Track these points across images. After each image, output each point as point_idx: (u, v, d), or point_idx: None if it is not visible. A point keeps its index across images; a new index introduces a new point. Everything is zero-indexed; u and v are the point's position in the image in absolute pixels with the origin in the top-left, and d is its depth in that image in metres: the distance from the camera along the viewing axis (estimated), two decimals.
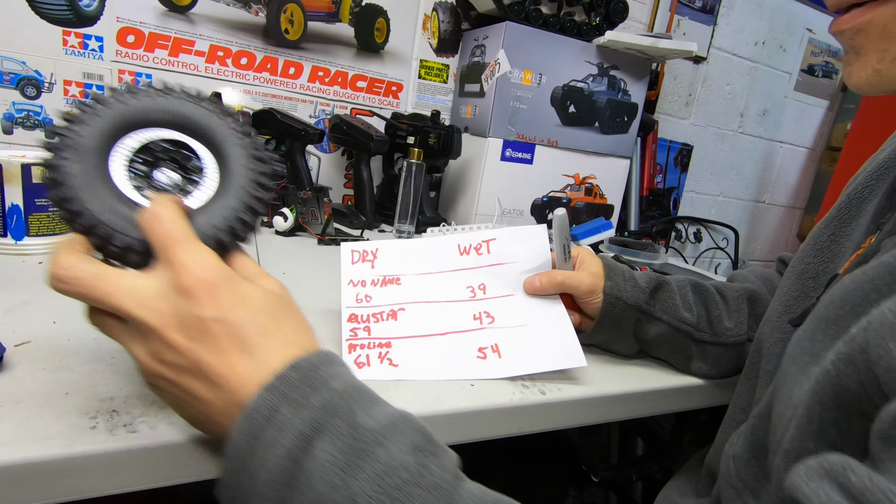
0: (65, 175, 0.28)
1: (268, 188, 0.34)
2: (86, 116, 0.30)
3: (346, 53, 1.09)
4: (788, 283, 0.44)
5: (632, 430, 1.08)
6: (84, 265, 0.27)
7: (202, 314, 0.26)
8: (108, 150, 0.31)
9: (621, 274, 0.53)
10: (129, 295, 0.27)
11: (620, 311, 0.51)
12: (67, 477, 0.30)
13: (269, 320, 0.28)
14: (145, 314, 0.27)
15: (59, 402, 0.33)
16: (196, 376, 0.27)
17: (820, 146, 1.95)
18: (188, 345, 0.27)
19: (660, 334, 0.53)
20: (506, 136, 1.05)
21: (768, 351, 0.42)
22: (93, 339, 0.42)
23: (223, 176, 0.33)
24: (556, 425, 0.47)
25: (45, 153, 0.29)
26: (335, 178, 1.16)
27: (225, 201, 0.32)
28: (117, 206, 0.29)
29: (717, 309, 0.54)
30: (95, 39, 0.90)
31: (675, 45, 1.07)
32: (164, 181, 0.32)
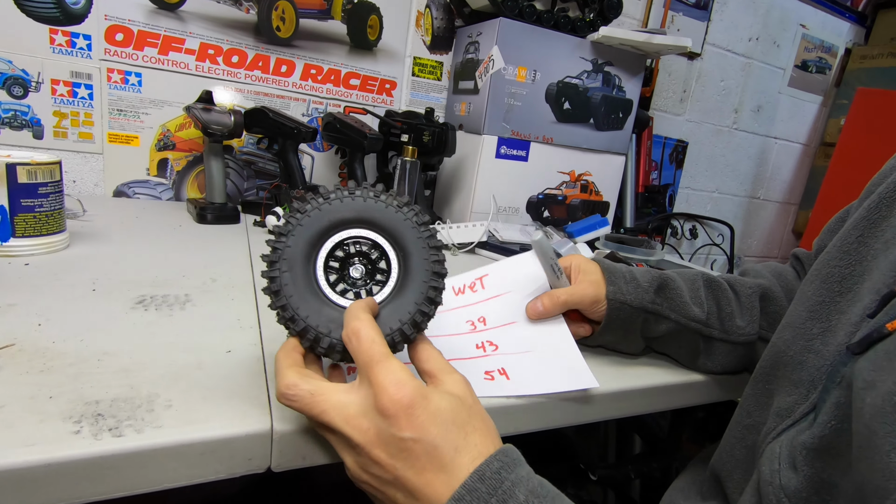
0: (279, 285, 0.34)
1: (443, 276, 0.37)
2: (292, 228, 0.35)
3: (338, 51, 1.08)
4: (813, 288, 0.41)
5: (629, 429, 1.08)
6: (304, 384, 0.32)
7: (401, 435, 0.30)
8: (311, 255, 0.36)
9: (622, 276, 0.51)
10: (338, 413, 0.31)
11: (627, 315, 0.50)
12: (50, 484, 0.29)
13: (459, 434, 0.31)
14: (351, 431, 0.31)
15: (42, 406, 0.32)
16: (397, 488, 0.30)
17: (814, 142, 1.96)
18: (389, 461, 0.30)
19: (668, 332, 0.52)
20: (500, 134, 1.04)
21: (793, 360, 0.40)
22: (79, 341, 0.41)
23: (403, 266, 0.37)
24: (553, 424, 0.47)
25: (264, 266, 0.35)
26: (329, 177, 1.15)
27: (407, 295, 0.36)
28: (322, 310, 0.34)
29: (728, 306, 0.53)
30: (83, 38, 0.89)
31: (669, 40, 1.06)
32: (355, 276, 0.37)
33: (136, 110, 0.95)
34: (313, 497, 0.79)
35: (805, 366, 0.38)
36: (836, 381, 0.33)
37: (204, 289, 0.56)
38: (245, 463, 0.34)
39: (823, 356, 0.37)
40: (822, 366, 0.37)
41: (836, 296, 0.39)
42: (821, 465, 0.32)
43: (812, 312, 0.40)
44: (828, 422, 0.32)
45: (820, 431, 0.32)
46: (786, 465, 0.34)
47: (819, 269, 0.42)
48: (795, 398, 0.38)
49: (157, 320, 0.47)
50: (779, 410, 0.39)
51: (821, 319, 0.39)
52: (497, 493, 0.29)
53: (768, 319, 0.54)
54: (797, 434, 0.35)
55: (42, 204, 0.60)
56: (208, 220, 0.86)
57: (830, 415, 0.32)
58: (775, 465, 0.35)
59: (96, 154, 0.95)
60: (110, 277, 0.56)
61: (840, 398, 0.31)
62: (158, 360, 0.40)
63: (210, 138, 0.87)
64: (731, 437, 0.45)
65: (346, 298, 0.36)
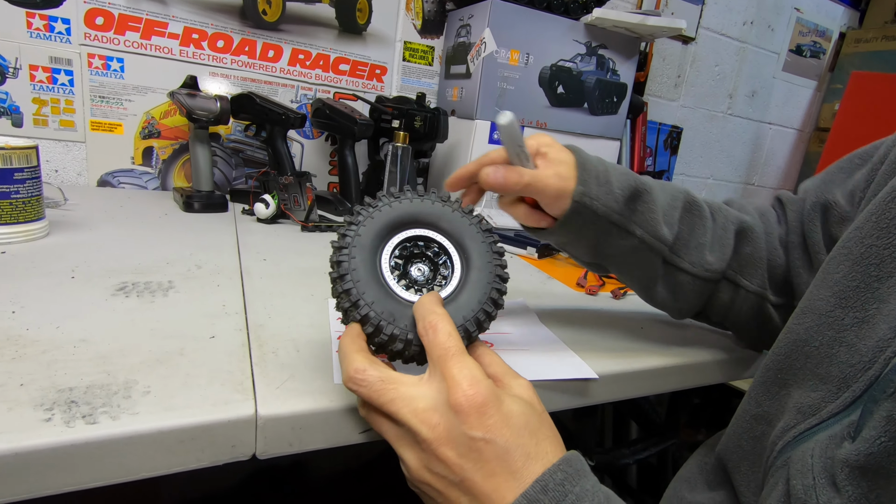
0: (346, 269, 0.34)
1: (506, 280, 0.37)
2: (363, 219, 0.36)
3: (327, 35, 1.06)
4: (842, 270, 0.35)
5: (626, 414, 1.08)
6: (372, 370, 0.31)
7: (472, 434, 0.28)
8: (378, 247, 0.36)
9: (595, 176, 0.44)
10: (407, 404, 0.30)
11: (587, 221, 0.44)
12: (18, 474, 0.27)
13: (531, 440, 0.30)
14: (419, 426, 0.29)
15: (11, 394, 0.31)
16: (462, 491, 0.29)
17: (808, 127, 1.95)
18: (458, 461, 0.29)
19: (630, 248, 0.46)
20: (493, 119, 1.02)
21: (818, 351, 0.35)
22: (55, 328, 0.39)
23: (466, 268, 0.37)
24: (549, 408, 0.45)
25: (332, 252, 0.35)
26: (320, 165, 1.13)
27: (471, 293, 0.36)
28: (385, 300, 0.34)
29: (703, 235, 0.48)
30: (62, 21, 0.86)
31: (663, 22, 1.05)
32: (416, 275, 0.38)
33: (118, 97, 0.93)
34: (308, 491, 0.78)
35: (834, 360, 0.34)
36: (889, 392, 0.28)
37: (188, 276, 0.54)
38: (229, 450, 0.33)
39: (859, 351, 0.32)
40: (858, 362, 0.32)
41: (873, 281, 0.33)
42: (868, 486, 0.28)
43: (842, 299, 0.35)
44: (876, 438, 0.27)
45: (867, 448, 0.28)
46: (823, 481, 0.30)
47: (849, 248, 0.36)
48: (822, 395, 0.34)
49: (138, 307, 0.45)
50: (800, 407, 0.35)
51: (854, 308, 0.34)
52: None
53: (739, 261, 0.49)
54: (832, 444, 0.31)
55: (18, 190, 0.58)
56: (195, 209, 0.84)
57: (880, 430, 0.27)
58: (809, 479, 0.31)
59: (78, 142, 0.92)
60: (90, 265, 0.54)
61: (893, 412, 0.27)
62: (138, 346, 0.38)
63: (195, 125, 0.84)
64: (738, 426, 0.41)
65: (411, 293, 0.36)
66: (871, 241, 0.34)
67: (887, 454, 0.27)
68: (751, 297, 0.50)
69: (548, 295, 0.66)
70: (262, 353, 0.40)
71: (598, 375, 0.44)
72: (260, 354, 0.40)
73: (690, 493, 0.44)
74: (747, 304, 0.50)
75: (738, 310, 0.50)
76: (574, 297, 0.67)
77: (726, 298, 0.50)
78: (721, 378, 0.57)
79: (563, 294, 0.68)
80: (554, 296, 0.66)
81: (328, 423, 0.35)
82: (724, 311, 0.51)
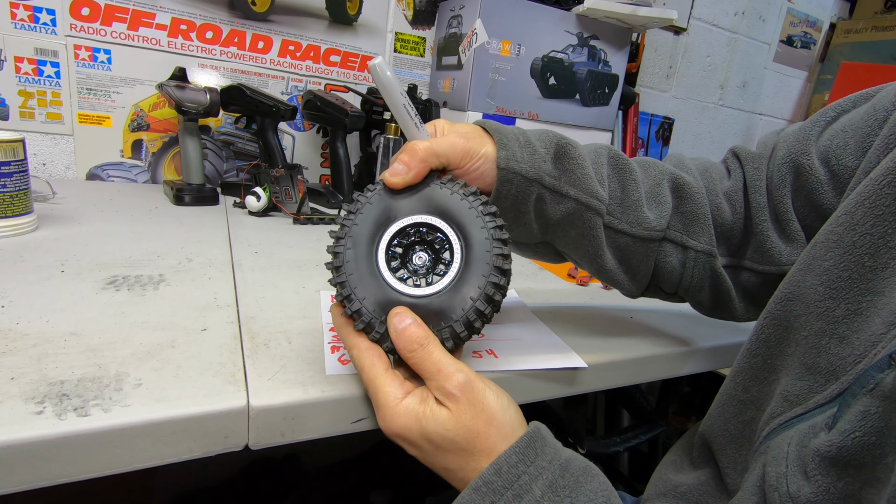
0: (341, 260, 0.34)
1: (506, 272, 0.35)
2: (361, 206, 0.35)
3: (317, 26, 1.05)
4: (833, 258, 0.34)
5: (617, 402, 1.09)
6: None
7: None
8: (376, 236, 0.35)
9: (514, 139, 0.41)
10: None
11: (518, 189, 0.41)
12: (11, 466, 0.27)
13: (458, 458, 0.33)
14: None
15: (2, 388, 0.31)
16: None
17: (799, 117, 1.96)
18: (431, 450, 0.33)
19: (567, 214, 0.42)
20: (485, 110, 1.02)
21: (807, 341, 0.34)
22: (45, 322, 0.39)
23: (465, 258, 0.35)
24: (540, 397, 0.46)
25: (330, 241, 0.36)
26: (311, 158, 1.12)
27: (465, 289, 0.34)
28: (378, 293, 0.34)
29: (636, 191, 0.44)
30: (47, 12, 0.85)
31: (655, 13, 1.05)
32: (417, 263, 0.36)
33: (106, 89, 0.91)
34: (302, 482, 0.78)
35: (824, 351, 0.33)
36: (868, 387, 0.28)
37: (179, 268, 0.54)
38: (221, 441, 0.33)
39: (851, 344, 0.31)
40: (849, 356, 0.31)
41: (867, 272, 0.32)
42: (836, 475, 0.28)
43: (833, 290, 0.33)
44: (850, 431, 0.27)
45: (840, 440, 0.28)
46: (794, 469, 0.30)
47: (839, 234, 0.34)
48: (809, 384, 0.33)
49: (129, 300, 0.45)
50: (787, 395, 0.34)
51: (846, 300, 0.32)
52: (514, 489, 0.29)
53: (682, 220, 0.45)
54: (809, 433, 0.31)
55: (5, 184, 0.57)
56: (186, 202, 0.84)
57: (855, 424, 0.27)
58: (782, 467, 0.31)
59: (66, 135, 0.91)
60: (80, 259, 0.54)
61: (871, 408, 0.27)
62: (129, 339, 0.38)
63: (185, 117, 0.84)
64: (724, 410, 0.41)
65: (406, 285, 0.35)
66: (865, 228, 0.32)
67: (860, 448, 0.27)
68: (701, 257, 0.46)
69: (539, 286, 0.67)
70: (254, 344, 0.40)
71: (587, 364, 0.45)
72: (252, 346, 0.40)
73: (675, 474, 0.44)
74: (698, 266, 0.46)
75: (690, 273, 0.47)
76: (565, 287, 0.68)
77: (676, 263, 0.46)
78: (710, 366, 0.58)
79: (553, 285, 0.68)
80: (545, 287, 0.67)
81: (320, 413, 0.36)
82: (677, 277, 0.47)
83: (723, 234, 0.47)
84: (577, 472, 0.32)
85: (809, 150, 0.43)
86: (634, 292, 0.49)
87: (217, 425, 0.32)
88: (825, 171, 0.42)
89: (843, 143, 0.41)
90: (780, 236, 0.45)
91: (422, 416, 0.32)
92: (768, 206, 0.45)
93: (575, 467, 0.32)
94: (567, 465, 0.32)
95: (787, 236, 0.45)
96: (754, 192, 0.46)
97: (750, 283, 0.47)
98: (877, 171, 0.33)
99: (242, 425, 0.33)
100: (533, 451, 0.31)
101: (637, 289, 0.49)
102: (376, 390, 0.33)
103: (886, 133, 0.36)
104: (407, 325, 0.33)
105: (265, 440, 0.34)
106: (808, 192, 0.43)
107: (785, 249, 0.45)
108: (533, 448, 0.31)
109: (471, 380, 0.32)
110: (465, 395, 0.32)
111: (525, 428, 0.33)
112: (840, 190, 0.41)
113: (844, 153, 0.41)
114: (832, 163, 0.42)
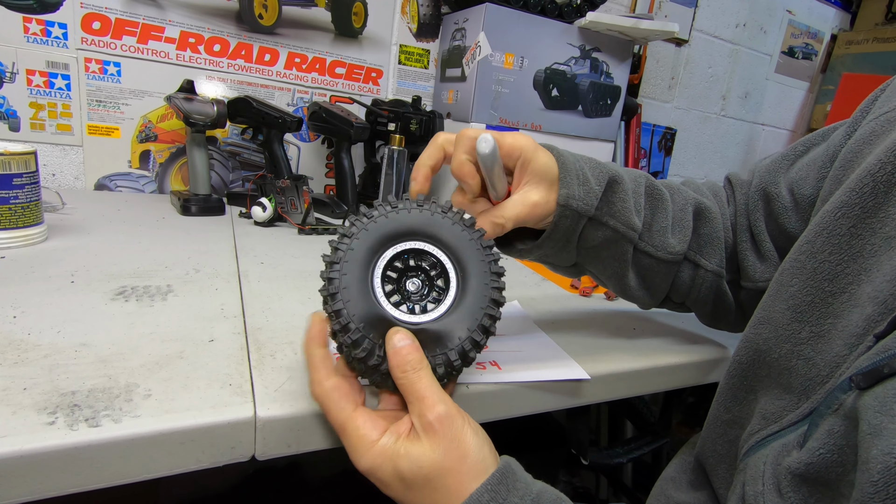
0: (336, 286, 0.33)
1: (501, 304, 0.35)
2: (357, 231, 0.34)
3: (323, 39, 1.07)
4: (797, 283, 0.36)
5: (620, 414, 1.09)
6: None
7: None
8: (371, 260, 0.34)
9: (576, 175, 0.43)
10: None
11: (571, 222, 0.43)
12: (23, 476, 0.28)
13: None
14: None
15: (15, 398, 0.31)
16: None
17: (801, 128, 1.97)
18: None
19: (604, 240, 0.46)
20: (489, 121, 1.03)
21: (778, 363, 0.36)
22: (56, 332, 0.40)
23: (461, 287, 0.35)
24: (544, 408, 0.46)
25: (324, 266, 0.34)
26: (316, 168, 1.13)
27: (461, 318, 0.34)
28: (373, 318, 0.33)
29: (665, 219, 0.48)
30: (59, 26, 0.87)
31: (656, 25, 1.06)
32: (411, 289, 0.36)
33: (115, 101, 0.93)
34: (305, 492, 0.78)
35: (794, 372, 0.35)
36: (833, 408, 0.30)
37: (186, 279, 0.55)
38: (228, 452, 0.34)
39: (816, 365, 0.34)
40: (816, 376, 0.33)
41: (827, 296, 0.34)
42: (807, 492, 0.29)
43: (798, 313, 0.36)
44: (817, 449, 0.29)
45: (808, 458, 0.29)
46: (770, 486, 0.32)
47: (802, 261, 0.37)
48: (784, 404, 0.35)
49: (138, 311, 0.46)
50: (764, 413, 0.36)
51: (810, 322, 0.35)
52: None
53: (699, 241, 0.50)
54: (783, 452, 0.32)
55: (17, 195, 0.58)
56: (192, 212, 0.85)
57: (821, 442, 0.29)
58: (759, 485, 0.32)
59: (76, 146, 0.93)
60: (89, 269, 0.54)
61: (834, 427, 0.29)
62: (138, 350, 0.39)
63: (192, 128, 0.85)
64: (711, 431, 0.43)
65: (399, 310, 0.34)
66: (824, 256, 0.35)
67: (825, 465, 0.28)
68: (709, 275, 0.50)
69: (542, 296, 0.67)
70: (261, 355, 0.41)
71: (590, 376, 0.45)
72: (258, 357, 0.41)
73: (676, 491, 0.45)
74: (706, 283, 0.50)
75: (699, 288, 0.51)
76: (568, 298, 0.68)
77: (687, 278, 0.50)
78: (714, 377, 0.58)
79: (557, 296, 0.69)
80: (548, 297, 0.67)
81: (326, 424, 0.36)
82: (686, 290, 0.51)
83: (728, 255, 0.51)
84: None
85: (778, 180, 0.48)
86: (650, 305, 0.53)
87: (224, 436, 0.33)
88: (790, 199, 0.47)
89: (805, 175, 0.46)
90: (756, 255, 0.49)
91: (394, 455, 0.31)
92: (748, 228, 0.50)
93: (546, 500, 0.32)
94: (538, 499, 0.31)
95: (761, 255, 0.49)
96: (739, 215, 0.51)
97: (742, 298, 0.52)
98: (831, 204, 0.36)
99: (249, 436, 0.34)
100: (505, 487, 0.31)
101: (653, 303, 0.53)
102: (349, 434, 0.32)
103: (838, 166, 0.40)
104: (406, 345, 0.32)
105: (272, 451, 0.35)
106: (776, 216, 0.47)
107: (759, 267, 0.49)
108: (504, 485, 0.31)
109: (451, 414, 0.32)
110: (444, 428, 0.31)
111: (497, 464, 0.32)
112: (802, 216, 0.46)
113: (805, 184, 0.46)
114: (795, 192, 0.46)
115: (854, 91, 1.60)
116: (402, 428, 0.33)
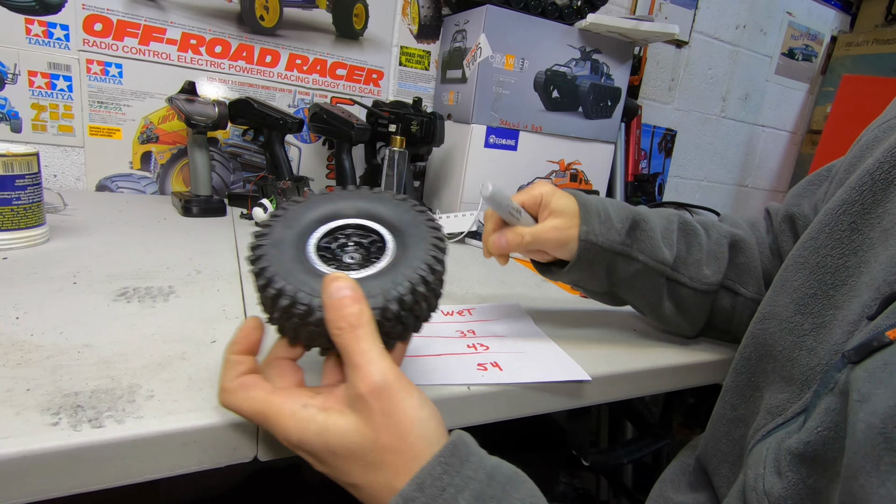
0: (259, 255, 0.31)
1: (443, 250, 0.33)
2: (283, 213, 0.34)
3: (324, 41, 1.07)
4: (800, 278, 0.38)
5: (621, 415, 1.09)
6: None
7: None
8: (302, 237, 0.33)
9: (597, 215, 0.49)
10: None
11: (595, 256, 0.49)
12: (26, 477, 0.28)
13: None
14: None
15: (19, 399, 0.32)
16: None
17: (801, 129, 1.97)
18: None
19: (636, 272, 0.50)
20: (489, 123, 1.04)
21: (782, 355, 0.38)
22: (59, 333, 0.40)
23: (400, 250, 0.34)
24: (544, 409, 0.47)
25: (248, 251, 0.32)
26: (317, 169, 1.14)
27: (400, 272, 0.31)
28: (304, 277, 0.30)
29: (699, 252, 0.52)
30: (60, 28, 0.87)
31: (656, 27, 1.06)
32: (349, 261, 0.34)
33: (117, 102, 0.93)
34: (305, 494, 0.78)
35: (796, 363, 0.36)
36: (829, 387, 0.31)
37: (188, 280, 0.55)
38: (230, 453, 0.34)
39: (817, 354, 0.35)
40: (817, 365, 0.35)
41: (829, 289, 0.36)
42: (806, 472, 0.30)
43: (801, 306, 0.37)
44: (815, 428, 0.30)
45: (807, 437, 0.30)
46: (770, 469, 0.32)
47: (806, 257, 0.38)
48: (787, 396, 0.36)
49: (140, 312, 0.46)
50: (770, 407, 0.37)
51: (812, 314, 0.36)
52: (437, 503, 0.27)
53: (736, 270, 0.53)
54: (785, 437, 0.33)
55: (20, 197, 0.58)
56: (193, 213, 0.85)
57: (819, 421, 0.30)
58: (760, 468, 0.33)
59: (77, 147, 0.93)
60: (91, 270, 0.54)
61: (831, 405, 0.30)
62: (140, 351, 0.39)
63: (194, 130, 0.85)
64: (715, 430, 0.43)
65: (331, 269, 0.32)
66: (826, 251, 0.37)
67: (823, 443, 0.29)
68: (749, 303, 0.53)
69: (543, 297, 0.67)
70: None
71: (590, 377, 0.45)
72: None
73: (675, 493, 0.45)
74: (747, 311, 0.53)
75: (740, 316, 0.54)
76: (569, 299, 0.68)
77: (727, 305, 0.53)
78: (715, 378, 0.58)
79: (558, 296, 0.69)
80: (549, 298, 0.67)
81: None
82: (728, 317, 0.54)
83: (766, 281, 0.53)
84: (504, 480, 0.29)
85: (802, 202, 0.53)
86: (690, 333, 0.57)
87: (226, 437, 0.33)
88: (813, 217, 0.48)
89: (824, 197, 0.48)
90: None
91: (322, 429, 0.28)
92: (779, 253, 0.54)
93: (501, 475, 0.29)
94: (493, 473, 0.29)
95: None
96: (774, 243, 0.55)
97: None
98: (833, 202, 0.38)
99: (251, 437, 0.34)
100: (458, 460, 0.29)
101: (693, 331, 0.57)
102: (269, 416, 0.29)
103: (843, 170, 0.43)
104: (345, 295, 0.28)
105: (273, 452, 0.35)
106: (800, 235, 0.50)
107: None
108: (458, 457, 0.29)
109: (389, 386, 0.28)
110: (377, 402, 0.28)
111: (446, 438, 0.30)
112: None
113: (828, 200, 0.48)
114: (819, 209, 0.49)
115: (854, 92, 1.61)
116: (330, 400, 0.29)
